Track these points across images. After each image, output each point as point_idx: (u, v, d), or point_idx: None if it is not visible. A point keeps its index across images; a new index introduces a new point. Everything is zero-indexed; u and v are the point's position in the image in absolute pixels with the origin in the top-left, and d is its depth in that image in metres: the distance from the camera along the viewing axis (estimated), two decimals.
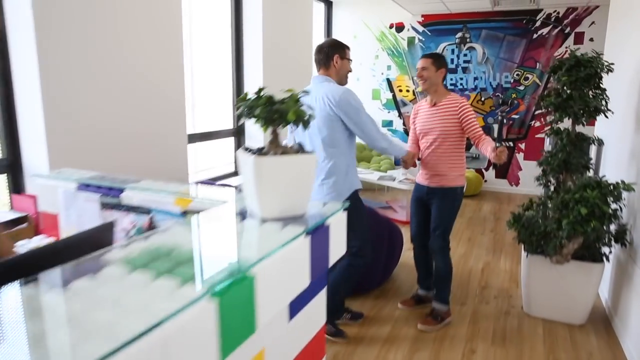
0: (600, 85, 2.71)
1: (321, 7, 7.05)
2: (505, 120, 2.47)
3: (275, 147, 1.35)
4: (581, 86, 2.64)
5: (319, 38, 7.09)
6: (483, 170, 6.67)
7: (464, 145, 2.75)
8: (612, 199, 2.33)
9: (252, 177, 1.30)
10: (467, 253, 4.07)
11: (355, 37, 7.07)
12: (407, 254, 3.84)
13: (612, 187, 2.31)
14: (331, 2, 7.11)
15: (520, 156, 6.45)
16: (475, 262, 3.87)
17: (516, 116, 6.40)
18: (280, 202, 1.34)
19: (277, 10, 5.03)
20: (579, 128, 2.80)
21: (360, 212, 2.55)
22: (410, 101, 6.94)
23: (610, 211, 2.29)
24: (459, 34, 6.49)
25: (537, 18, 6.09)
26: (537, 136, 6.30)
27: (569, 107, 2.65)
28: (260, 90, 1.33)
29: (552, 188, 2.88)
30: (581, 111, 2.62)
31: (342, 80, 2.50)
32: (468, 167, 6.68)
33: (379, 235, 3.20)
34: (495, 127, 6.53)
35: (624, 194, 2.49)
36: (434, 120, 2.71)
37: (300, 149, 1.39)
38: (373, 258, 2.79)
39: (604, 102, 2.69)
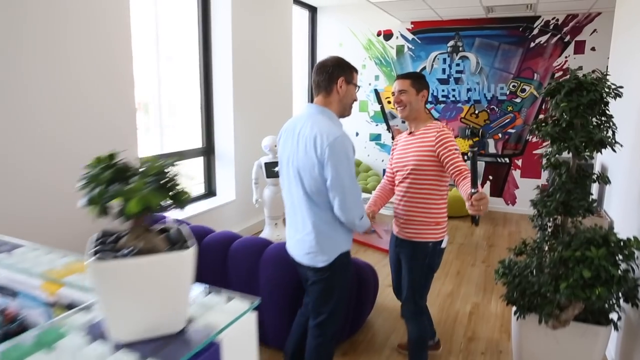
0: (606, 111, 2.27)
1: (305, 13, 6.64)
2: (476, 158, 1.96)
3: (135, 238, 0.91)
4: (583, 113, 2.20)
5: (302, 47, 6.67)
6: (478, 186, 6.21)
7: (445, 187, 2.24)
8: (621, 257, 1.90)
9: (95, 285, 0.88)
10: (455, 292, 3.63)
11: (341, 45, 6.64)
12: (385, 294, 3.41)
13: (622, 244, 1.88)
14: (315, 8, 6.69)
15: (517, 173, 6.01)
16: (463, 303, 3.42)
17: (512, 130, 5.97)
18: (139, 321, 0.90)
19: (250, 16, 4.59)
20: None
21: (344, 280, 2.03)
22: None
23: (619, 273, 1.85)
24: (451, 43, 6.06)
25: (535, 25, 5.66)
26: (535, 152, 5.87)
27: (568, 139, 2.21)
28: (111, 156, 0.89)
29: (549, 230, 2.44)
30: (583, 144, 2.19)
31: (345, 111, 1.99)
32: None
33: None
34: (490, 143, 6.10)
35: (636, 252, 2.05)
36: (408, 152, 2.24)
37: (178, 237, 0.95)
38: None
39: (610, 132, 2.26)
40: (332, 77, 1.94)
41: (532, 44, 5.70)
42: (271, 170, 4.40)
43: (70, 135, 2.80)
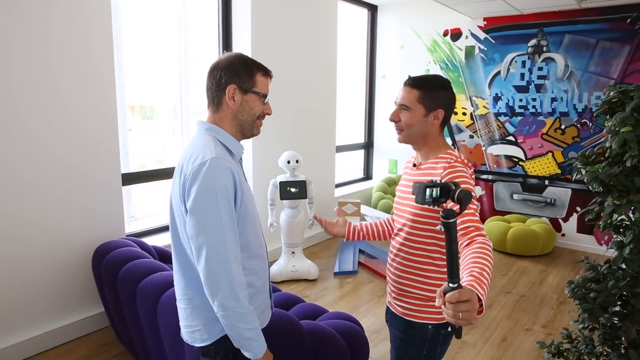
0: None
1: (364, 12, 5.97)
2: (454, 233, 1.08)
3: None
4: None
5: (360, 50, 6.02)
6: (560, 221, 5.01)
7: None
8: None
9: None
10: None
11: (403, 47, 5.85)
12: None
13: None
14: (375, 7, 5.99)
15: None
16: None
17: None
18: None
19: (275, 17, 4.06)
20: None
21: None
22: (468, 127, 5.52)
23: None
24: (533, 41, 4.96)
25: None
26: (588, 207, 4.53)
27: (634, 191, 1.32)
28: None
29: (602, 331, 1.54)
30: None
31: (243, 129, 1.37)
32: (539, 216, 5.08)
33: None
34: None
35: None
36: (408, 195, 1.51)
37: None
38: None
39: None
40: (220, 85, 1.32)
41: None
42: (286, 190, 3.82)
43: (50, 137, 2.67)
